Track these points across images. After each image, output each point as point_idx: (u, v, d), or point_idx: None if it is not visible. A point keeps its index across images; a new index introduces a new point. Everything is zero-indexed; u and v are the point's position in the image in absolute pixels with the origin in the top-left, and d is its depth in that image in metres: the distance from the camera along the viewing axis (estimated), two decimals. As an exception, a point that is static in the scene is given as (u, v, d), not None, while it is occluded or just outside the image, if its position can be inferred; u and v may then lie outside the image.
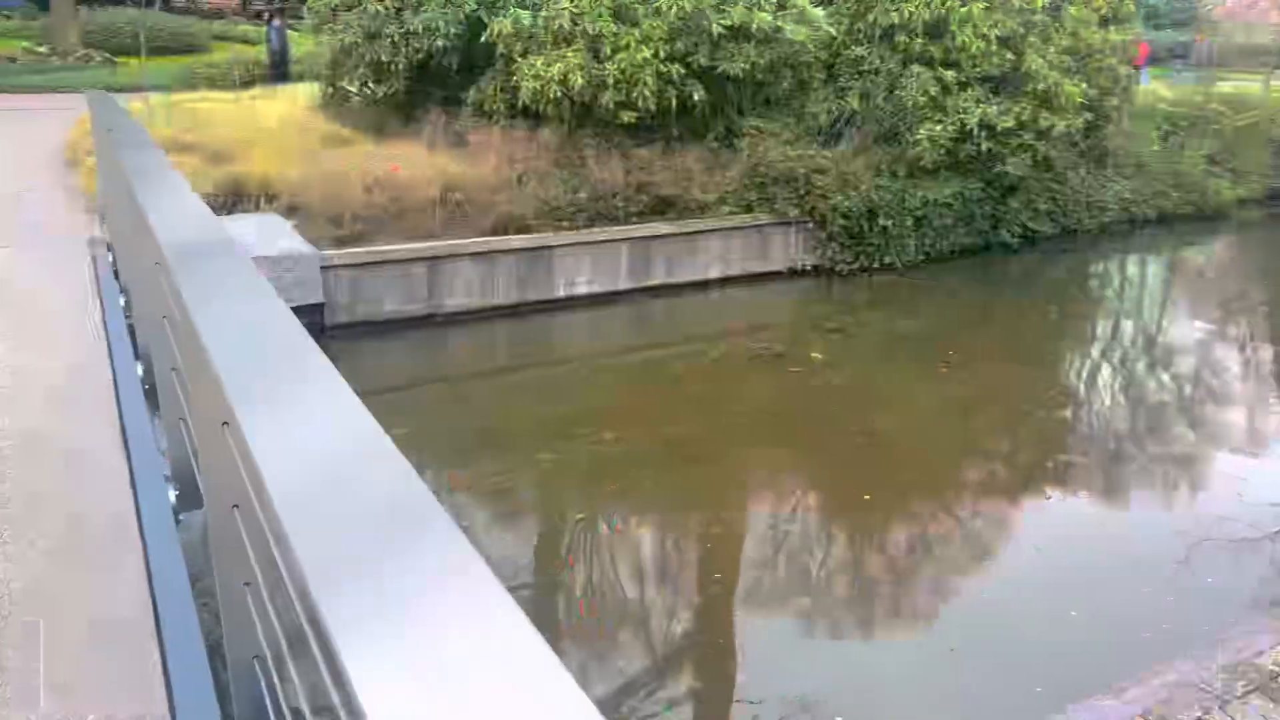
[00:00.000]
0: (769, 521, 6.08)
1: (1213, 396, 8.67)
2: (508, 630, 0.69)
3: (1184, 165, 16.31)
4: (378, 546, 0.82)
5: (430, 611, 0.72)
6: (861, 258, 11.86)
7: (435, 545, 0.82)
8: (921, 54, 12.30)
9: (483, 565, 0.77)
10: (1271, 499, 6.34)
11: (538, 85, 10.84)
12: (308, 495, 0.97)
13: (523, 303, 10.37)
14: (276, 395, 1.33)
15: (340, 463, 1.03)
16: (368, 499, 0.91)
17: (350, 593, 0.75)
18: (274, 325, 1.71)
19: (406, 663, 0.67)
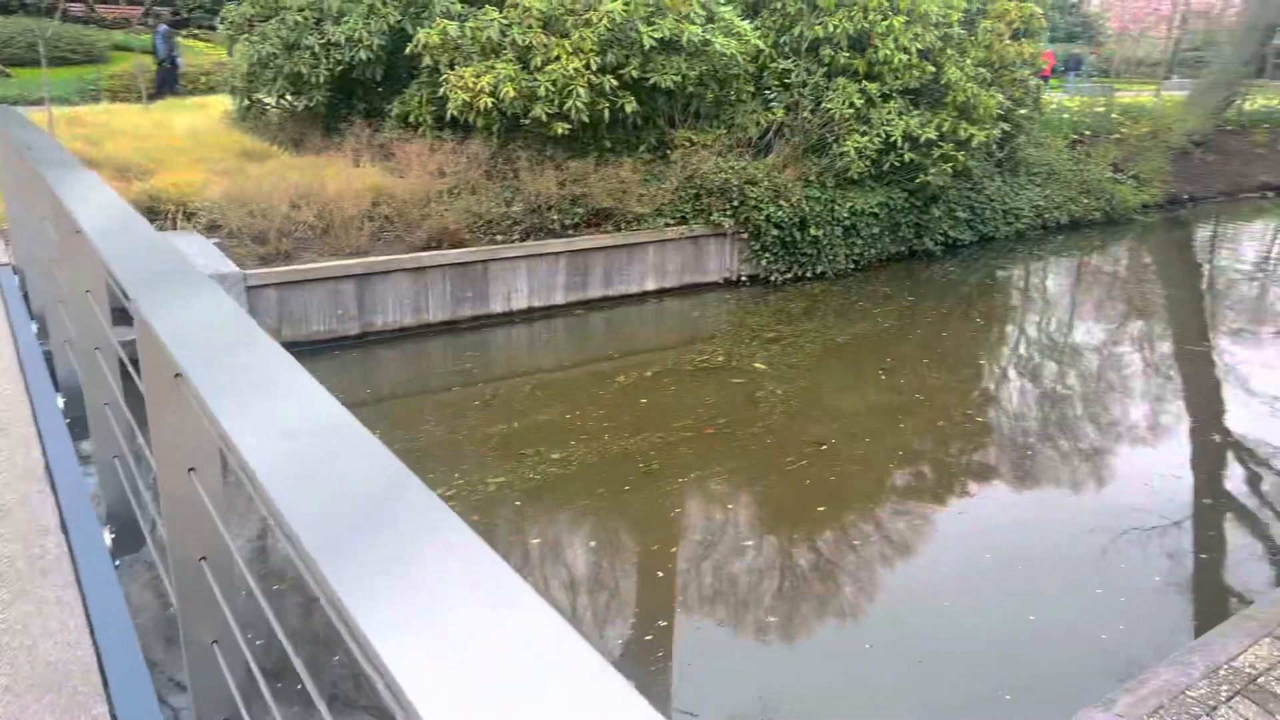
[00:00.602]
0: (726, 536, 6.01)
1: (1120, 392, 9.02)
2: (512, 594, 0.72)
3: (1091, 173, 17.03)
4: (397, 554, 0.81)
5: (451, 591, 0.74)
6: (795, 267, 11.99)
7: (434, 529, 0.83)
8: (846, 67, 12.53)
9: (467, 528, 0.80)
10: (1174, 487, 6.77)
11: (467, 97, 10.63)
12: (328, 535, 0.87)
13: (458, 319, 10.14)
14: (262, 426, 1.17)
15: (360, 496, 0.95)
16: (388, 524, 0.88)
17: (381, 596, 0.74)
18: (254, 350, 1.54)
19: (433, 639, 0.69)
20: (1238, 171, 20.99)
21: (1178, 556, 5.85)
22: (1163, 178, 18.43)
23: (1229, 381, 9.54)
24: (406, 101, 11.73)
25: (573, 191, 10.92)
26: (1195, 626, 5.09)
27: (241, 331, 1.63)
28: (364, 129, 11.61)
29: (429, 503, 0.89)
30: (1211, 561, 5.83)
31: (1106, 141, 18.41)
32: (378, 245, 9.68)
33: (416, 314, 9.84)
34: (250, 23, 11.99)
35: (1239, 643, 3.18)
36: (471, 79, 10.66)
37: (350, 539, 0.82)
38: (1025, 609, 5.13)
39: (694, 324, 10.70)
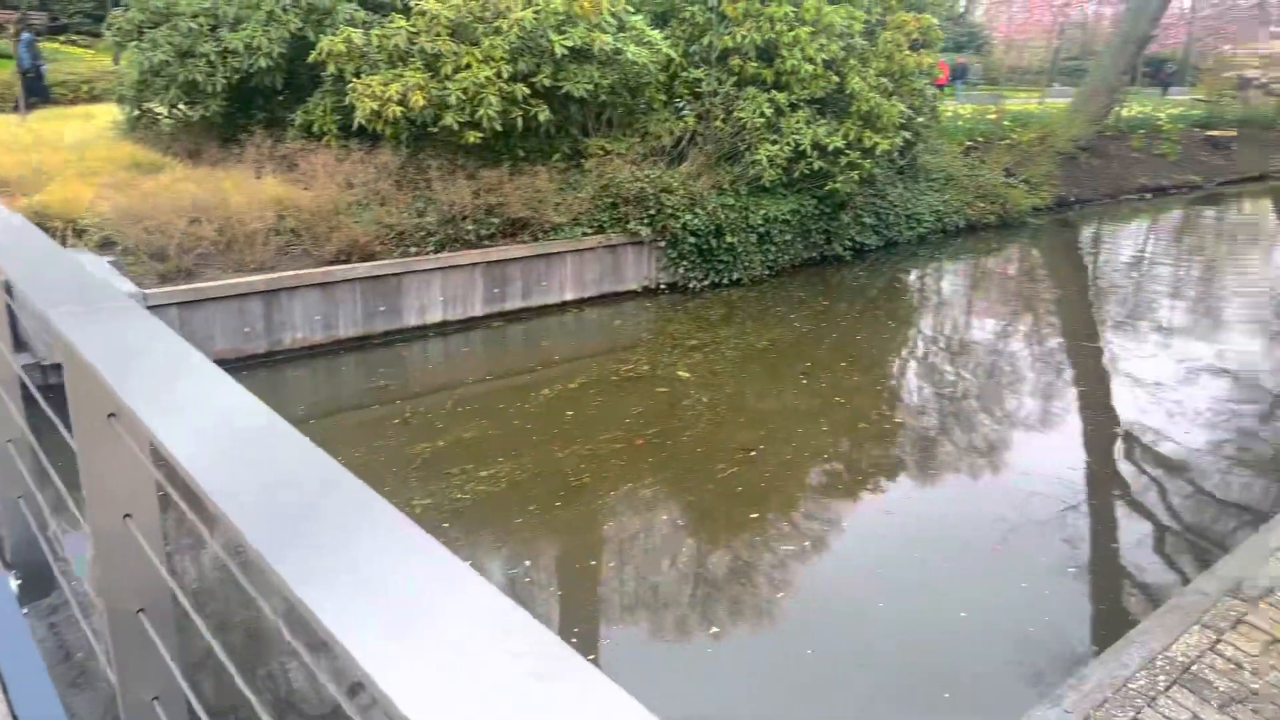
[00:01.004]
0: (661, 547, 5.97)
1: (1021, 387, 9.44)
2: (453, 570, 0.76)
3: (985, 178, 17.73)
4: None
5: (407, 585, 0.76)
6: (712, 274, 12.09)
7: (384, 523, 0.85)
8: (755, 77, 12.72)
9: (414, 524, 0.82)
10: (1068, 474, 7.11)
11: (375, 105, 10.35)
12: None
13: (371, 334, 9.85)
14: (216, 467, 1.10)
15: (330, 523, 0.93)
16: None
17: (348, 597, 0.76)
18: (196, 380, 1.42)
19: (390, 618, 0.72)
20: (1118, 175, 22.20)
21: (1081, 543, 6.09)
22: (1051, 182, 19.34)
23: (1116, 372, 10.02)
24: (310, 110, 11.36)
25: (487, 201, 10.75)
26: (1112, 614, 5.31)
27: (178, 359, 1.50)
28: (265, 139, 11.17)
29: (398, 520, 0.89)
30: (1118, 548, 6.09)
31: (998, 147, 19.21)
32: (284, 260, 9.31)
33: (327, 330, 9.50)
34: (140, 29, 11.40)
35: (1170, 633, 3.31)
36: (379, 87, 10.39)
37: (326, 567, 0.81)
38: (958, 606, 5.25)
39: (615, 333, 10.66)
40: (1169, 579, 5.75)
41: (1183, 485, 7.19)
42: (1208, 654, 3.16)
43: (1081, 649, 4.81)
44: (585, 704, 0.62)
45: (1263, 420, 8.65)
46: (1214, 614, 3.40)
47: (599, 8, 11.22)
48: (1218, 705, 2.90)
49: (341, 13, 11.21)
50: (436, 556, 0.80)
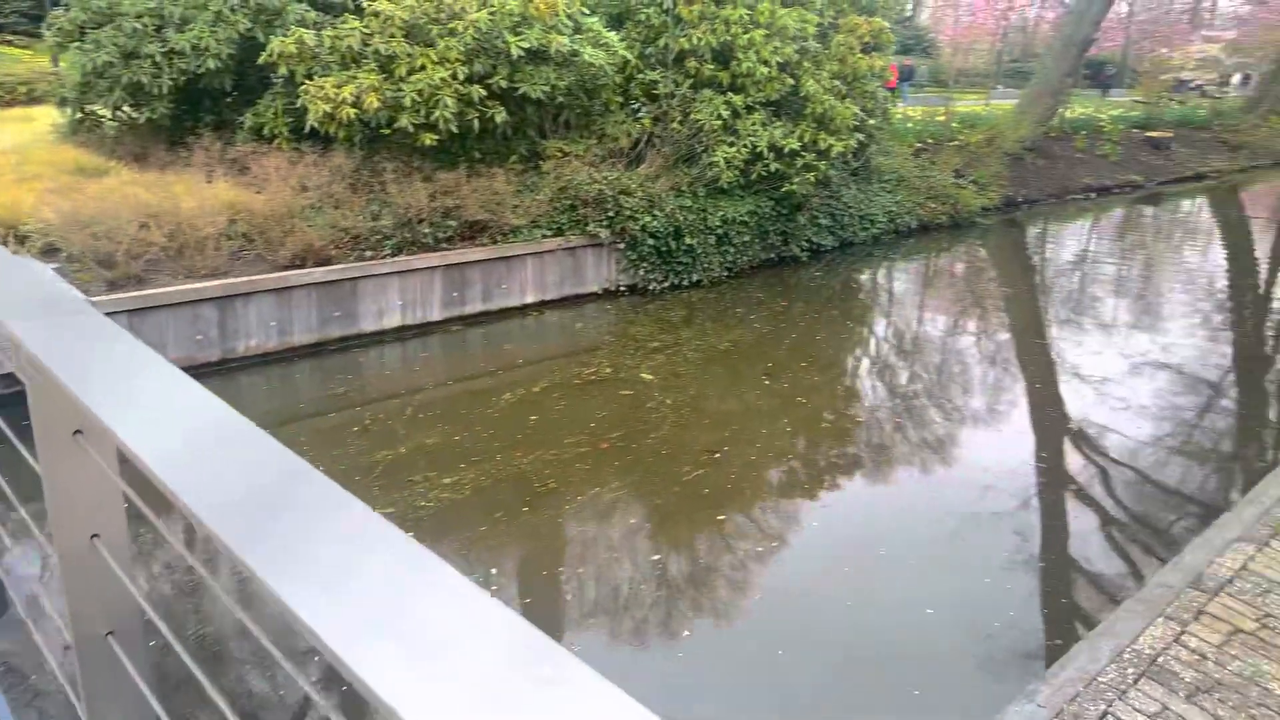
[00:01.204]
0: (631, 552, 5.96)
1: (972, 381, 9.62)
2: (424, 561, 0.77)
3: (936, 179, 18.03)
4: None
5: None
6: (671, 276, 12.12)
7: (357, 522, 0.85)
8: (711, 79, 12.78)
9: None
10: (1020, 469, 7.29)
11: (328, 108, 10.19)
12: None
13: (327, 340, 9.69)
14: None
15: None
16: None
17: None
18: (167, 392, 1.37)
19: (367, 609, 0.72)
20: (1063, 175, 22.73)
21: (1035, 536, 6.22)
22: (1000, 182, 19.73)
23: (1063, 369, 10.25)
24: (261, 113, 11.14)
25: (444, 203, 10.64)
26: (1069, 607, 5.43)
27: (146, 368, 1.44)
28: (214, 142, 10.92)
29: (376, 521, 0.89)
30: (1071, 540, 6.23)
31: (948, 149, 19.54)
32: (238, 265, 9.11)
33: (282, 336, 9.32)
34: (81, 29, 11.07)
35: (1136, 626, 3.38)
36: (332, 89, 10.23)
37: (310, 571, 0.81)
38: (924, 603, 5.32)
39: (577, 336, 10.62)
40: (1119, 568, 5.90)
41: (1130, 477, 7.38)
42: (1173, 645, 3.24)
43: (1036, 644, 4.92)
44: (569, 691, 0.63)
45: (1201, 413, 8.92)
46: (1177, 606, 3.48)
47: (555, 9, 11.18)
48: (1185, 696, 2.98)
49: (292, 13, 11.01)
50: (406, 545, 0.80)
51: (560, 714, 0.62)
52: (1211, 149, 28.84)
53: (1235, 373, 10.39)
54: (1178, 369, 10.05)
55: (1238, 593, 3.58)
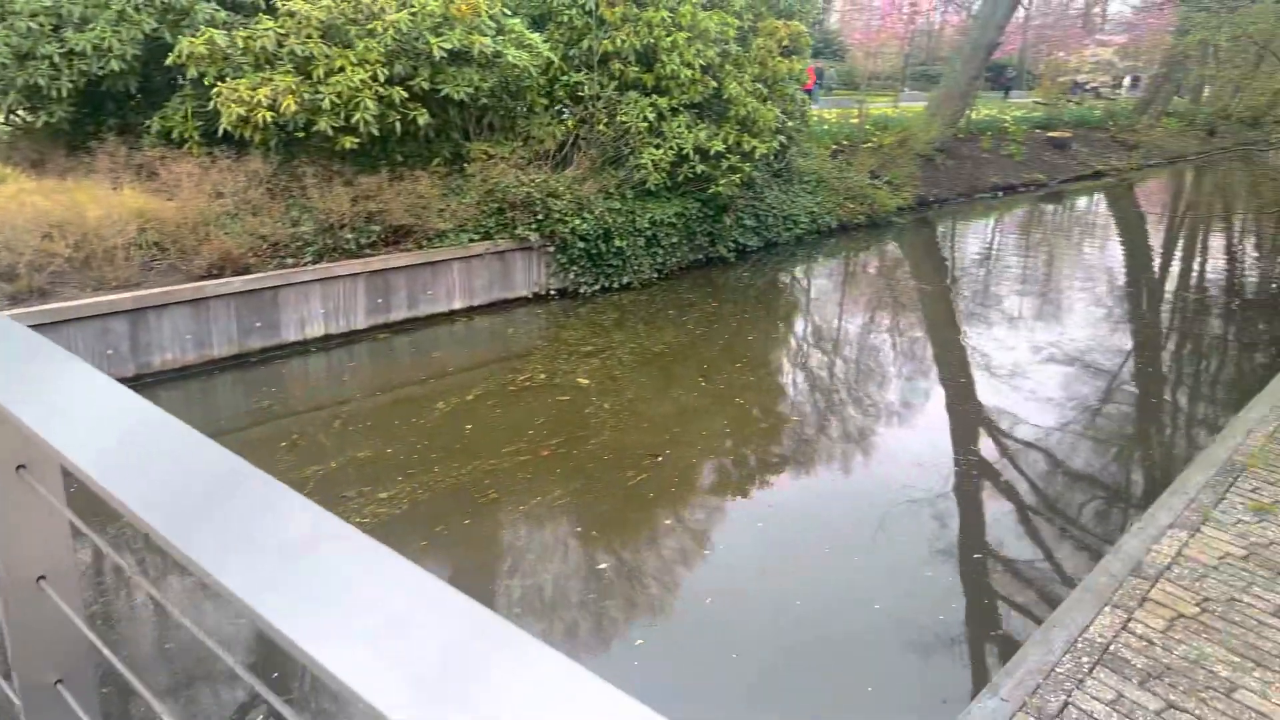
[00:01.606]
0: (579, 560, 5.90)
1: (897, 376, 9.86)
2: (369, 546, 0.77)
3: (853, 180, 18.42)
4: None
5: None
6: (602, 278, 12.08)
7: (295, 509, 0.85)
8: (636, 81, 12.79)
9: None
10: (939, 463, 7.50)
11: (243, 111, 9.82)
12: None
13: (248, 351, 9.34)
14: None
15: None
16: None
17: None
18: (117, 415, 1.29)
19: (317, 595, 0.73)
20: (972, 174, 23.51)
21: (947, 523, 6.41)
22: (913, 183, 20.28)
23: (975, 361, 10.58)
24: (169, 116, 10.67)
25: (367, 208, 10.37)
26: (1002, 595, 5.60)
27: (89, 389, 1.33)
28: (119, 147, 10.40)
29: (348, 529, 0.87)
30: (997, 529, 6.43)
31: (863, 151, 20.01)
32: (150, 276, 8.70)
33: (200, 349, 8.94)
34: (-32, 27, 10.40)
35: (1085, 615, 3.49)
36: (247, 91, 9.86)
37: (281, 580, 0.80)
38: (870, 599, 5.41)
39: (509, 341, 10.48)
40: (1032, 553, 6.11)
41: (1042, 464, 7.66)
42: (1122, 633, 3.36)
43: (970, 632, 5.06)
44: (526, 664, 0.64)
45: (1104, 400, 9.31)
46: (1122, 594, 3.61)
47: (477, 10, 11.02)
48: (1138, 683, 3.08)
49: (200, 13, 10.56)
50: (345, 530, 0.80)
51: (520, 686, 0.62)
52: (1109, 148, 30.25)
53: (1135, 360, 10.89)
54: (1077, 359, 10.48)
55: (1176, 579, 3.73)
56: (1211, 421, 8.65)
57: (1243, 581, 3.71)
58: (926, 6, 45.83)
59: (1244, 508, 4.34)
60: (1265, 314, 13.30)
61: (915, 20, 40.65)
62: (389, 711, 0.62)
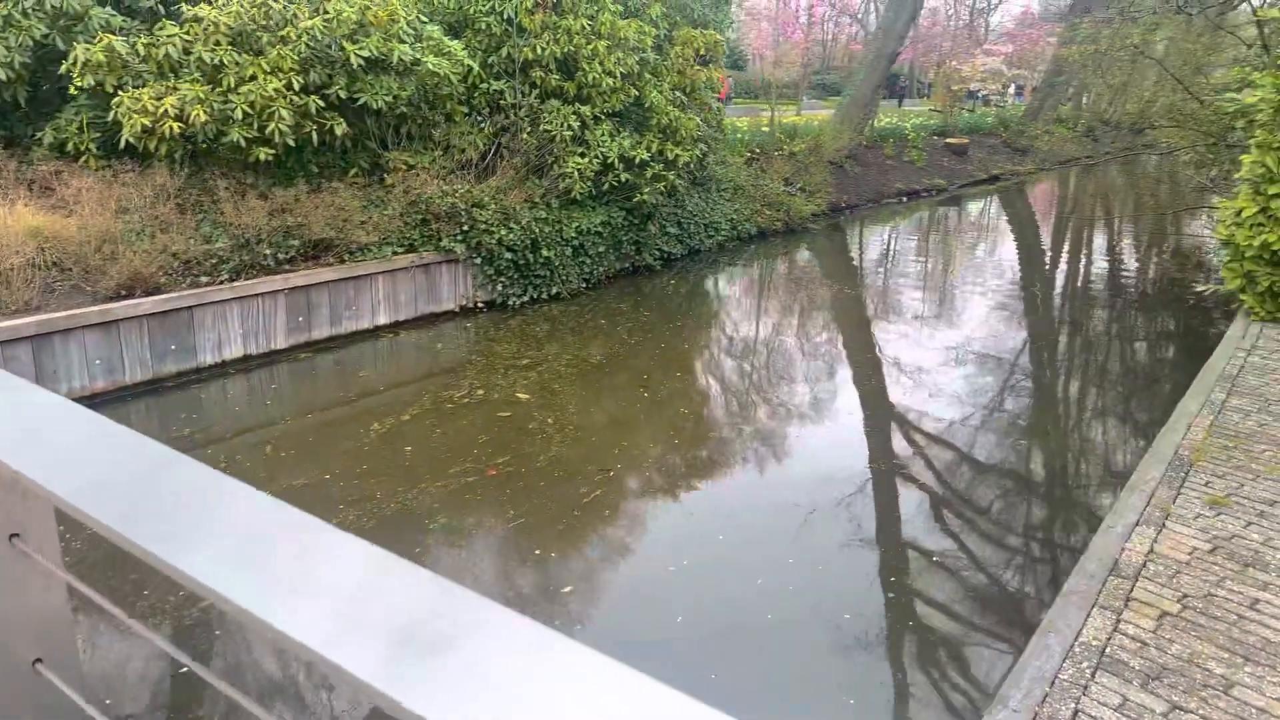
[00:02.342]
0: (542, 588, 5.73)
1: (817, 377, 10.00)
2: (309, 523, 0.80)
3: (769, 187, 18.70)
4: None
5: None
6: (530, 289, 11.88)
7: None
8: (557, 89, 12.65)
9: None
10: (856, 459, 7.69)
11: (147, 121, 9.26)
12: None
13: (162, 376, 8.81)
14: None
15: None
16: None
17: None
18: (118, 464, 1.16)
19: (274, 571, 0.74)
20: (878, 181, 24.19)
21: (865, 522, 6.52)
22: (826, 190, 20.71)
23: (886, 360, 10.82)
24: (62, 128, 9.98)
25: (285, 222, 9.93)
26: (910, 585, 5.70)
27: (78, 428, 1.12)
28: (7, 161, 9.68)
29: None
30: (910, 523, 6.57)
31: (777, 158, 20.33)
32: (54, 299, 8.11)
33: (110, 375, 8.38)
34: None
35: (1076, 619, 3.54)
36: (151, 101, 9.31)
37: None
38: (843, 608, 5.41)
39: (440, 357, 10.17)
40: (948, 546, 6.26)
41: (952, 458, 7.88)
42: (1115, 635, 3.41)
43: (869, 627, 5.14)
44: (488, 625, 0.65)
45: (1003, 393, 9.66)
46: (1106, 595, 3.68)
47: (394, 16, 10.70)
48: (1140, 685, 3.13)
49: (95, 18, 9.94)
50: (289, 511, 0.82)
51: (488, 646, 0.63)
52: (1002, 153, 31.59)
53: (1030, 351, 11.34)
54: (978, 354, 10.86)
55: (1154, 576, 3.83)
56: (1104, 403, 9.06)
57: (1215, 576, 3.83)
58: (821, 16, 47.03)
59: (1201, 502, 4.51)
60: (1149, 304, 14.04)
61: (813, 30, 41.64)
62: (364, 675, 0.62)
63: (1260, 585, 3.74)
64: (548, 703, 0.59)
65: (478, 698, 0.60)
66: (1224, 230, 8.35)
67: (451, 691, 0.61)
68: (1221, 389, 6.22)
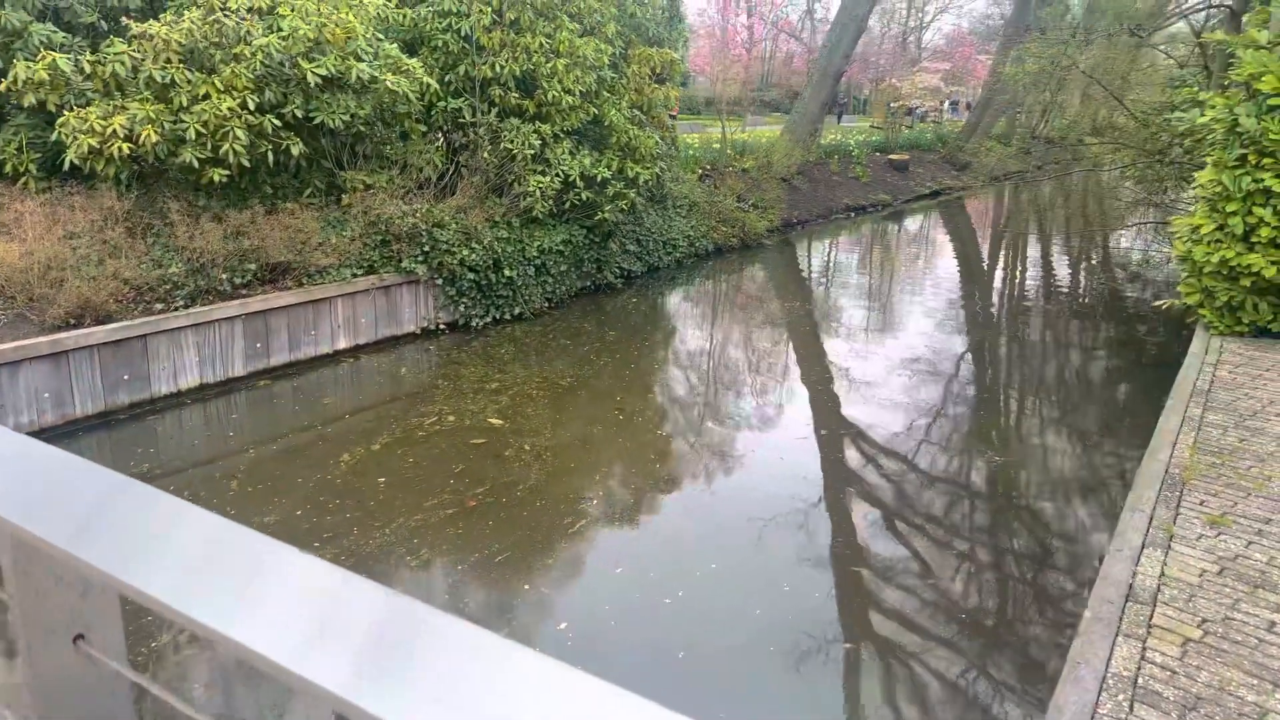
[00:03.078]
0: (537, 625, 5.56)
1: (777, 394, 10.05)
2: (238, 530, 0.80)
3: (723, 204, 18.78)
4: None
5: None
6: (493, 310, 11.69)
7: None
8: (517, 108, 12.51)
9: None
10: (806, 475, 7.75)
11: (95, 142, 8.88)
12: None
13: (116, 408, 8.42)
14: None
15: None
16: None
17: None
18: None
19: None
20: (827, 196, 24.50)
21: (820, 535, 6.53)
22: (779, 205, 20.89)
23: (837, 373, 10.90)
24: (1, 149, 9.52)
25: (241, 245, 9.60)
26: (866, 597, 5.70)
27: (45, 463, 1.04)
28: (-60, 182, 9.20)
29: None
30: (862, 532, 6.59)
31: (730, 175, 20.44)
32: (-3, 330, 7.68)
33: (60, 409, 7.97)
34: None
35: (1104, 648, 3.53)
36: (99, 121, 8.93)
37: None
38: (823, 632, 5.36)
39: (405, 382, 9.91)
40: (901, 553, 6.30)
41: (900, 467, 7.97)
42: (1144, 664, 3.40)
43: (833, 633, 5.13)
44: (446, 637, 0.67)
45: (946, 401, 9.81)
46: (1129, 622, 3.68)
47: (353, 34, 10.47)
48: (1177, 717, 3.12)
49: (36, 34, 9.52)
50: (279, 548, 0.81)
51: (450, 657, 0.65)
52: (941, 169, 32.30)
53: (971, 358, 11.55)
54: (922, 363, 11.03)
55: (1170, 601, 3.85)
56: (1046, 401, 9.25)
57: (1229, 599, 3.86)
58: (762, 34, 47.70)
59: (1200, 521, 4.57)
60: (1097, 316, 14.42)
61: (758, 48, 42.21)
62: (330, 686, 0.64)
63: (1273, 607, 3.79)
64: (510, 709, 0.61)
65: (441, 705, 0.62)
66: (1182, 246, 8.58)
67: (415, 700, 0.63)
68: (1196, 404, 6.36)
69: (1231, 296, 8.14)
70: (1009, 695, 4.85)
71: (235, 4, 9.98)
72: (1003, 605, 5.84)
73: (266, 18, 10.30)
